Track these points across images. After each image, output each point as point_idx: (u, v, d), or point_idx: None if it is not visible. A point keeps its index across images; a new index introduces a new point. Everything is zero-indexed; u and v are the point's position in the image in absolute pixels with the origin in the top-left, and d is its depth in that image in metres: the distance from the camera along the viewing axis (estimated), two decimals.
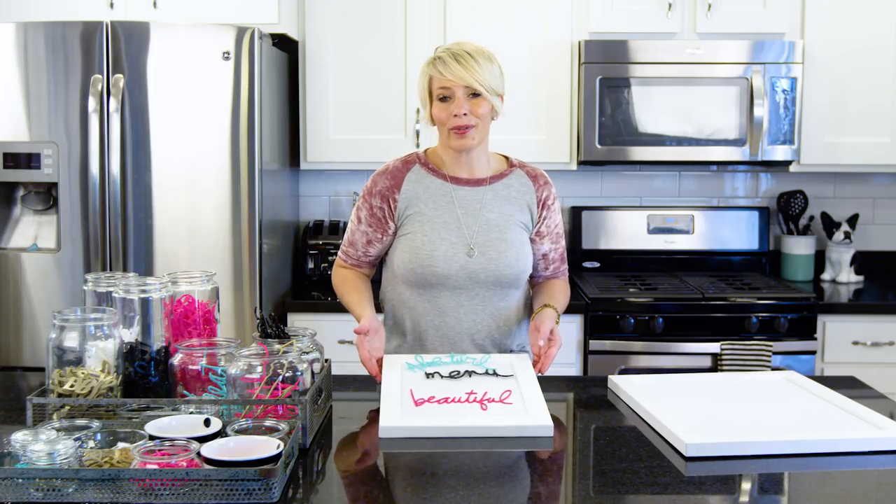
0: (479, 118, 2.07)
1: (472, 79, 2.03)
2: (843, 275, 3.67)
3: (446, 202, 2.16)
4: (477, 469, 1.57)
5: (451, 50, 2.07)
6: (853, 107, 3.47)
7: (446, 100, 2.07)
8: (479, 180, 2.18)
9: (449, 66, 2.04)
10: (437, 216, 2.14)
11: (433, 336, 2.17)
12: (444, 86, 2.06)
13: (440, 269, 2.11)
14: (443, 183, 2.17)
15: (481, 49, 2.09)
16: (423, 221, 2.14)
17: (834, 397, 1.90)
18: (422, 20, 3.44)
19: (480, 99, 2.06)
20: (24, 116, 2.98)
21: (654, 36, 3.41)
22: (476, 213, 2.15)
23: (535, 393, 1.86)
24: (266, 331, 1.82)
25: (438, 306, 2.15)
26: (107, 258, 2.98)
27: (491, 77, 2.06)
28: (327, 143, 3.50)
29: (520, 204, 2.19)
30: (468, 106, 2.06)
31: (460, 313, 2.16)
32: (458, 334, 2.17)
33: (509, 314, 2.20)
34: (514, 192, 2.20)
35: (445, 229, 2.14)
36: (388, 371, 1.97)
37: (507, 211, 2.17)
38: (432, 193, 2.16)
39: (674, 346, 3.18)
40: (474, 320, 2.17)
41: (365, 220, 2.19)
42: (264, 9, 3.23)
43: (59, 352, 1.66)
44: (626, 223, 3.75)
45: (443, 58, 2.06)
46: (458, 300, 2.15)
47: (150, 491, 1.35)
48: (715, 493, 1.48)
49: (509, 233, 2.16)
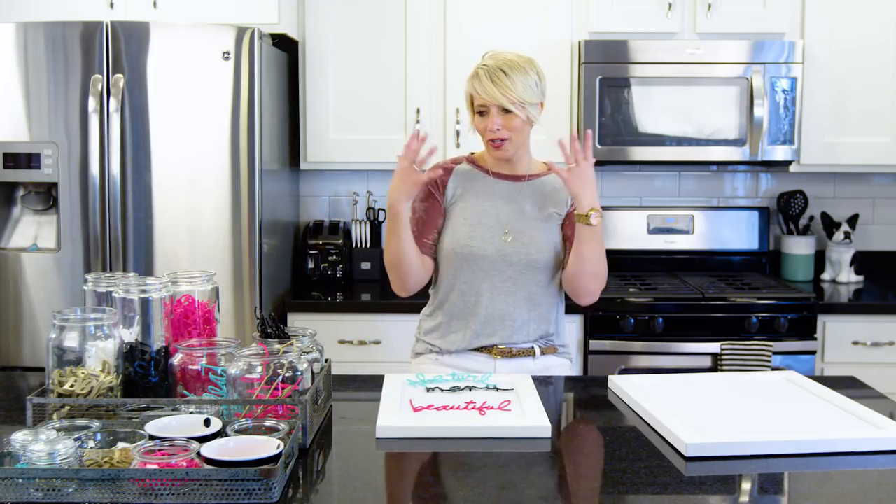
0: (511, 131, 2.22)
1: (504, 98, 2.17)
2: (843, 275, 3.67)
3: (487, 193, 2.32)
4: (476, 470, 1.57)
5: (488, 67, 2.20)
6: (853, 107, 3.47)
7: (483, 114, 2.23)
8: (519, 176, 2.34)
9: (483, 84, 2.19)
10: (477, 204, 2.31)
11: (468, 315, 2.30)
12: (480, 102, 2.22)
13: (477, 249, 2.27)
14: (485, 176, 2.34)
15: (516, 63, 2.21)
16: (465, 207, 2.31)
17: (834, 397, 1.90)
18: (422, 20, 3.44)
19: (512, 115, 2.20)
20: (24, 116, 2.98)
21: (654, 36, 3.41)
22: (513, 203, 2.31)
23: (534, 402, 1.86)
24: (266, 331, 1.82)
25: (474, 285, 2.29)
26: (107, 258, 2.98)
27: (525, 91, 2.18)
28: (327, 143, 3.50)
29: (556, 199, 2.33)
30: (500, 121, 2.20)
31: (494, 294, 2.28)
32: (491, 314, 2.28)
33: (540, 301, 2.31)
34: (549, 188, 2.34)
35: (485, 215, 2.30)
36: (389, 386, 1.98)
37: (543, 204, 2.32)
38: (475, 184, 2.34)
39: (674, 346, 3.18)
40: (507, 302, 2.28)
41: (419, 207, 2.33)
42: (264, 9, 3.23)
43: (59, 352, 1.66)
44: (625, 223, 3.75)
45: (479, 75, 2.20)
46: (493, 282, 2.28)
47: (150, 491, 1.35)
48: (715, 493, 1.48)
49: (542, 222, 2.31)
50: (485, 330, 2.29)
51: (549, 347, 2.34)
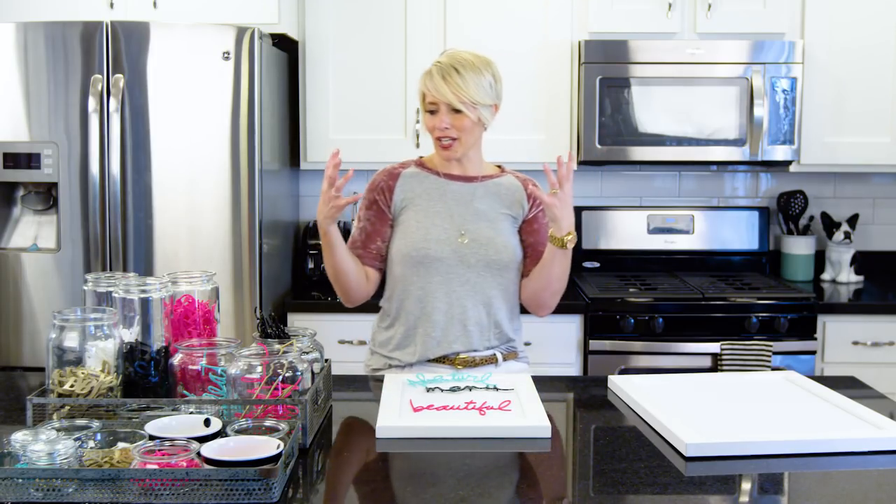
0: (460, 131, 2.16)
1: (454, 96, 2.11)
2: (843, 275, 3.67)
3: (439, 195, 2.26)
4: (476, 470, 1.57)
5: (442, 64, 2.14)
6: (853, 107, 3.46)
7: (434, 112, 2.17)
8: (471, 177, 2.29)
9: (435, 81, 2.13)
10: (429, 206, 2.25)
11: (426, 322, 2.22)
12: (431, 100, 2.16)
13: (433, 252, 2.20)
14: (436, 178, 2.28)
15: (472, 61, 2.14)
16: (416, 211, 2.24)
17: (834, 397, 1.90)
18: (422, 20, 3.44)
19: (462, 115, 2.14)
20: (24, 116, 2.98)
21: (654, 36, 3.41)
22: (467, 204, 2.25)
23: (534, 402, 1.86)
24: (266, 331, 1.82)
25: (430, 291, 2.22)
26: (107, 258, 2.98)
27: (477, 91, 2.12)
28: (327, 143, 3.50)
29: (509, 200, 2.28)
30: (449, 120, 2.15)
31: (452, 298, 2.21)
32: (450, 319, 2.22)
33: (499, 304, 2.25)
34: (503, 189, 2.29)
35: (438, 217, 2.23)
36: (389, 386, 1.98)
37: (496, 206, 2.27)
38: (426, 188, 2.27)
39: (674, 346, 3.18)
40: (465, 305, 2.22)
41: (364, 215, 2.28)
42: (264, 9, 3.23)
43: (59, 352, 1.66)
44: (626, 223, 3.75)
45: (432, 72, 2.15)
46: (451, 285, 2.21)
47: (150, 491, 1.35)
48: (715, 493, 1.48)
49: (498, 223, 2.25)
50: (445, 337, 2.21)
51: (511, 353, 2.29)
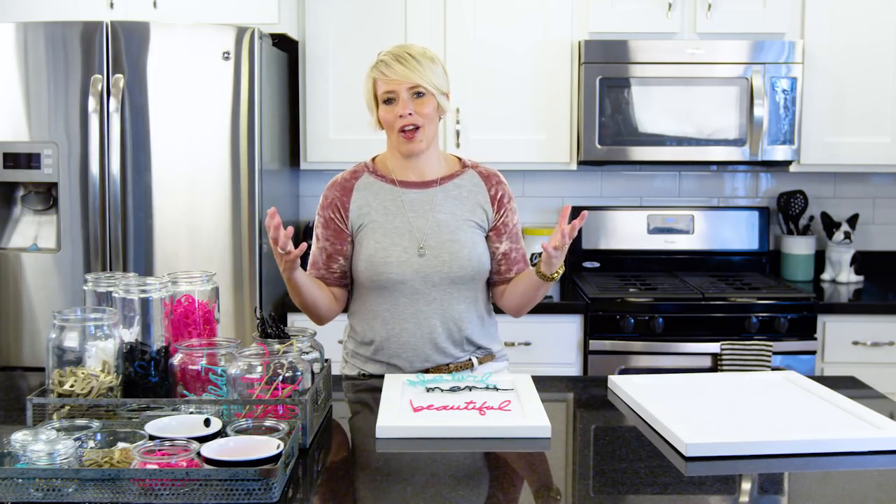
0: (424, 118, 2.09)
1: (417, 77, 2.05)
2: (843, 275, 3.67)
3: (396, 207, 2.16)
4: (476, 470, 1.57)
5: (393, 52, 2.10)
6: (853, 107, 3.46)
7: (391, 102, 2.09)
8: (428, 182, 2.18)
9: (392, 67, 2.06)
10: (387, 221, 2.14)
11: (394, 343, 2.15)
12: (389, 88, 2.08)
13: (395, 275, 2.11)
14: (392, 188, 2.17)
15: (424, 51, 2.12)
16: (374, 229, 2.14)
17: (834, 397, 1.90)
18: (422, 20, 3.44)
19: (425, 98, 2.08)
20: (24, 116, 2.98)
21: (654, 36, 3.41)
22: (426, 214, 2.15)
23: (534, 402, 1.86)
24: (266, 331, 1.82)
25: (397, 313, 2.14)
26: (107, 258, 2.98)
27: (434, 76, 2.09)
28: (327, 143, 3.50)
29: (471, 204, 2.18)
30: (413, 106, 2.08)
31: (420, 318, 2.13)
32: (420, 339, 2.14)
33: (469, 316, 2.17)
34: (465, 191, 2.19)
35: (397, 234, 2.13)
36: (389, 386, 1.97)
37: (458, 211, 2.16)
38: (382, 200, 2.17)
39: (674, 346, 3.18)
40: (433, 325, 2.14)
41: (322, 234, 2.20)
42: (264, 9, 3.23)
43: (59, 352, 1.66)
44: (626, 223, 3.75)
45: (385, 60, 2.08)
46: (417, 305, 2.13)
47: (150, 491, 1.35)
48: (715, 493, 1.48)
49: (461, 233, 2.14)
50: (417, 356, 2.15)
51: (487, 356, 2.23)
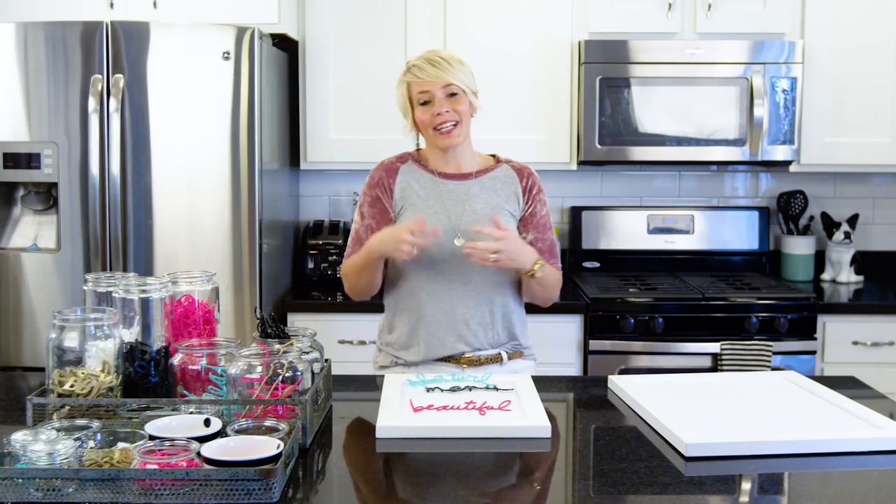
0: (460, 115, 2.22)
1: (449, 77, 2.20)
2: (843, 275, 3.67)
3: (435, 194, 2.28)
4: (476, 470, 1.57)
5: (425, 57, 2.24)
6: (853, 107, 3.46)
7: (427, 103, 2.23)
8: (465, 174, 2.31)
9: (425, 69, 2.21)
10: (427, 206, 2.27)
11: (429, 323, 2.26)
12: (424, 89, 2.22)
13: (435, 254, 2.21)
14: (432, 177, 2.30)
15: (452, 54, 2.27)
16: (415, 212, 2.25)
17: (834, 397, 1.90)
18: (422, 20, 3.44)
19: (458, 97, 2.22)
20: (24, 116, 2.98)
21: (654, 36, 3.41)
22: (463, 203, 2.27)
23: (534, 402, 1.86)
24: (266, 331, 1.82)
25: (433, 292, 2.26)
26: (107, 258, 2.98)
27: (464, 76, 2.23)
28: (327, 143, 3.50)
29: (506, 194, 2.31)
30: (448, 105, 2.21)
31: (454, 299, 2.25)
32: (453, 320, 2.25)
33: (503, 301, 2.29)
34: (499, 183, 2.32)
35: (437, 219, 2.24)
36: (389, 386, 1.98)
37: (494, 201, 2.29)
38: (423, 185, 2.30)
39: (674, 346, 3.18)
40: (468, 306, 2.26)
41: (367, 213, 2.31)
42: (264, 9, 3.23)
43: (59, 352, 1.66)
44: (626, 223, 3.75)
45: (418, 65, 2.23)
46: (452, 285, 2.25)
47: (150, 491, 1.35)
48: (715, 493, 1.48)
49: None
50: (448, 338, 2.25)
51: (516, 352, 2.33)
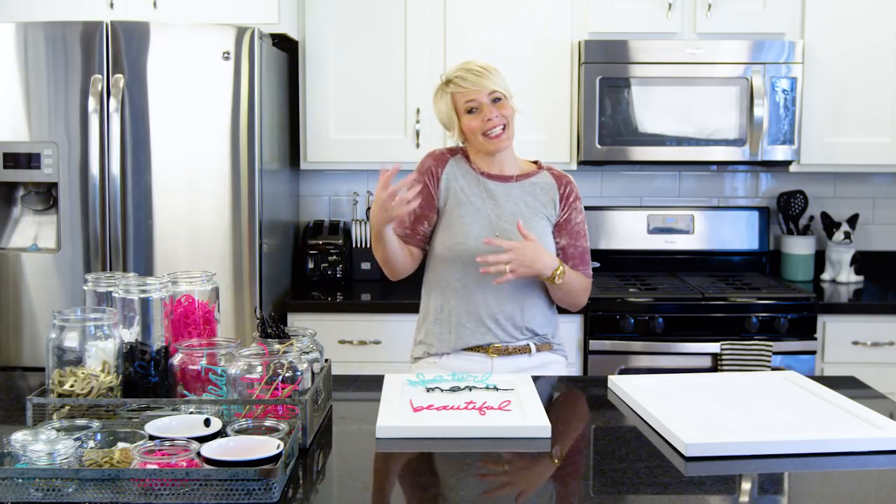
0: (506, 118, 2.32)
1: (492, 84, 2.29)
2: (843, 275, 3.67)
3: (478, 192, 2.38)
4: (476, 470, 1.57)
5: (464, 68, 2.32)
6: (853, 107, 3.46)
7: (474, 111, 2.31)
8: (507, 177, 2.40)
9: (469, 80, 2.30)
10: (469, 202, 2.37)
11: (461, 313, 2.35)
12: (470, 98, 2.30)
13: (472, 246, 2.31)
14: (476, 175, 2.40)
15: (487, 63, 2.36)
16: (458, 204, 2.36)
17: (834, 397, 1.90)
18: (422, 20, 3.44)
19: (502, 102, 2.32)
20: (24, 116, 2.98)
21: (654, 36, 3.41)
22: (504, 204, 2.37)
23: (534, 402, 1.86)
24: (266, 331, 1.82)
25: (467, 284, 2.34)
26: (107, 258, 2.98)
27: (503, 82, 2.33)
28: (327, 143, 3.50)
29: (544, 199, 2.39)
30: (495, 110, 2.30)
31: (487, 292, 2.32)
32: (486, 314, 2.33)
33: (534, 301, 2.37)
34: (538, 188, 2.41)
35: (478, 214, 2.35)
36: (389, 386, 1.98)
37: (532, 204, 2.38)
38: (467, 181, 2.39)
39: (674, 346, 3.18)
40: (500, 300, 2.33)
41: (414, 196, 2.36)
42: (264, 9, 3.23)
43: (59, 352, 1.66)
44: (626, 223, 3.75)
45: (460, 75, 2.31)
46: (485, 278, 2.30)
47: (150, 491, 1.35)
48: (715, 493, 1.48)
49: (533, 223, 2.35)
50: (479, 329, 2.34)
51: (545, 345, 2.40)
